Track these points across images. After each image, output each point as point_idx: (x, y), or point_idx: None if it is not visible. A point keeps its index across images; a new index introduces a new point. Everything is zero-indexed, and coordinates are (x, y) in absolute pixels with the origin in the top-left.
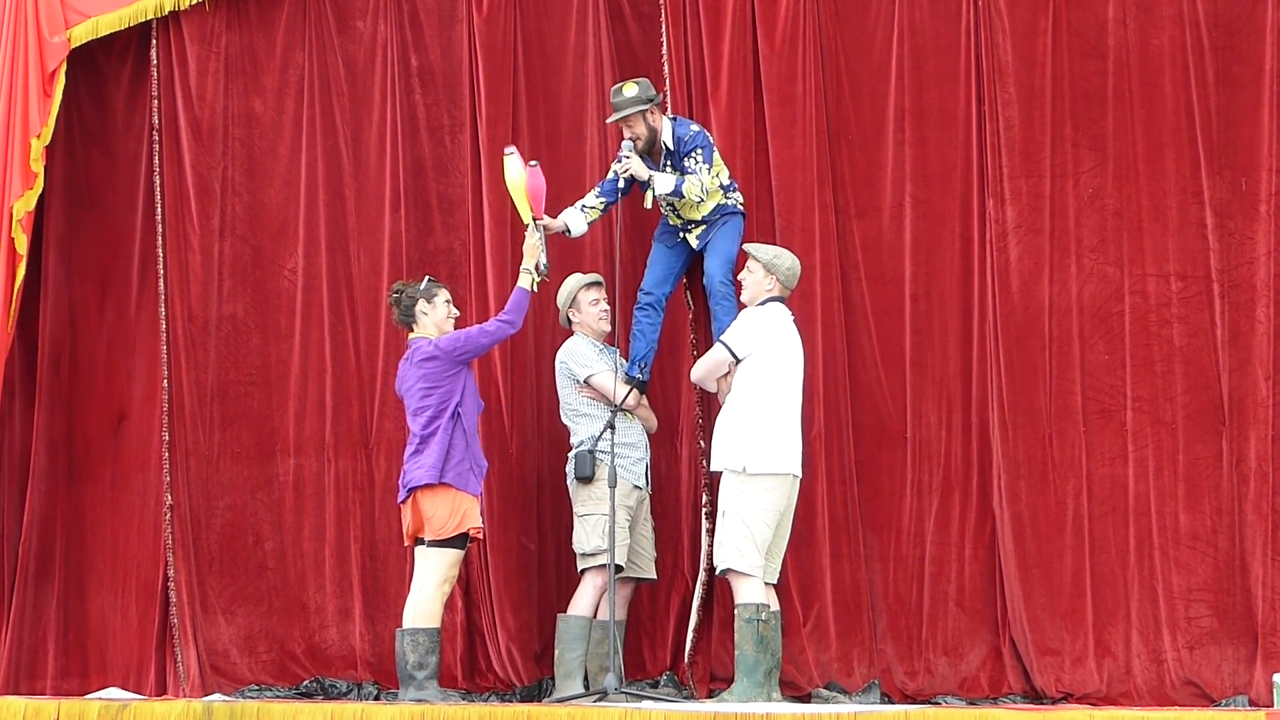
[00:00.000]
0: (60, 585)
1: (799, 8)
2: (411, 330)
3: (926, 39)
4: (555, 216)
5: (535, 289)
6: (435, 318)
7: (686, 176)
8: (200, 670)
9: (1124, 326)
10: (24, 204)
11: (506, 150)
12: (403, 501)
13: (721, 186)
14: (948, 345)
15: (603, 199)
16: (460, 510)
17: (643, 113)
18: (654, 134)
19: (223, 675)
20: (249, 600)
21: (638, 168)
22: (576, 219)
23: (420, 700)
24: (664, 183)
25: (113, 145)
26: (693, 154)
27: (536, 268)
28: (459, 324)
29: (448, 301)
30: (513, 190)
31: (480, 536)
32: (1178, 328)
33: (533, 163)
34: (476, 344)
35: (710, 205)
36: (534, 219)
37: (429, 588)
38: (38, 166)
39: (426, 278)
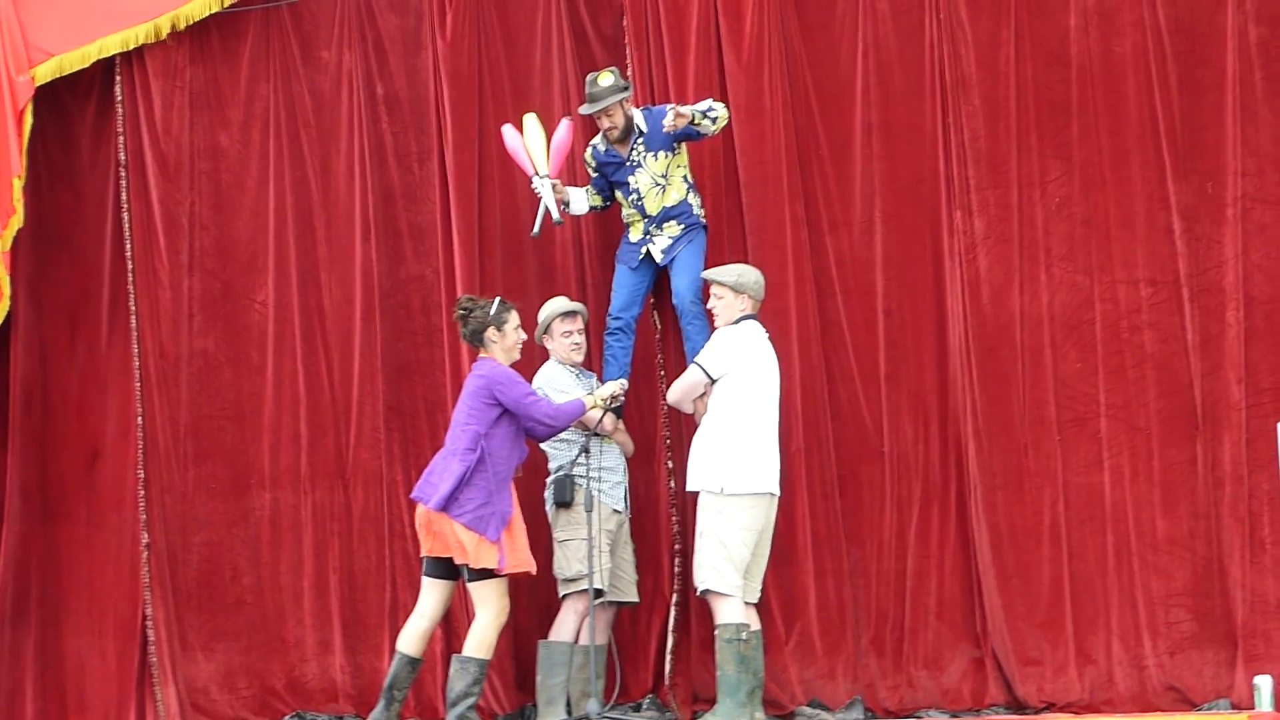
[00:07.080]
0: (37, 626)
1: (764, 25)
2: (479, 351)
3: (891, 53)
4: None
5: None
6: (504, 344)
7: (699, 113)
8: (181, 708)
9: (1095, 334)
10: (5, 239)
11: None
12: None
13: (687, 181)
14: (922, 358)
15: (600, 196)
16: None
17: (620, 101)
18: (629, 122)
19: (203, 713)
20: (228, 636)
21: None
22: (579, 196)
23: None
24: (710, 126)
25: (79, 183)
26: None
27: (553, 225)
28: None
29: (517, 328)
30: (529, 145)
31: (504, 572)
32: (1149, 334)
33: (566, 118)
34: (519, 404)
35: (676, 198)
36: (545, 175)
37: (483, 619)
38: (19, 205)
39: (497, 299)
